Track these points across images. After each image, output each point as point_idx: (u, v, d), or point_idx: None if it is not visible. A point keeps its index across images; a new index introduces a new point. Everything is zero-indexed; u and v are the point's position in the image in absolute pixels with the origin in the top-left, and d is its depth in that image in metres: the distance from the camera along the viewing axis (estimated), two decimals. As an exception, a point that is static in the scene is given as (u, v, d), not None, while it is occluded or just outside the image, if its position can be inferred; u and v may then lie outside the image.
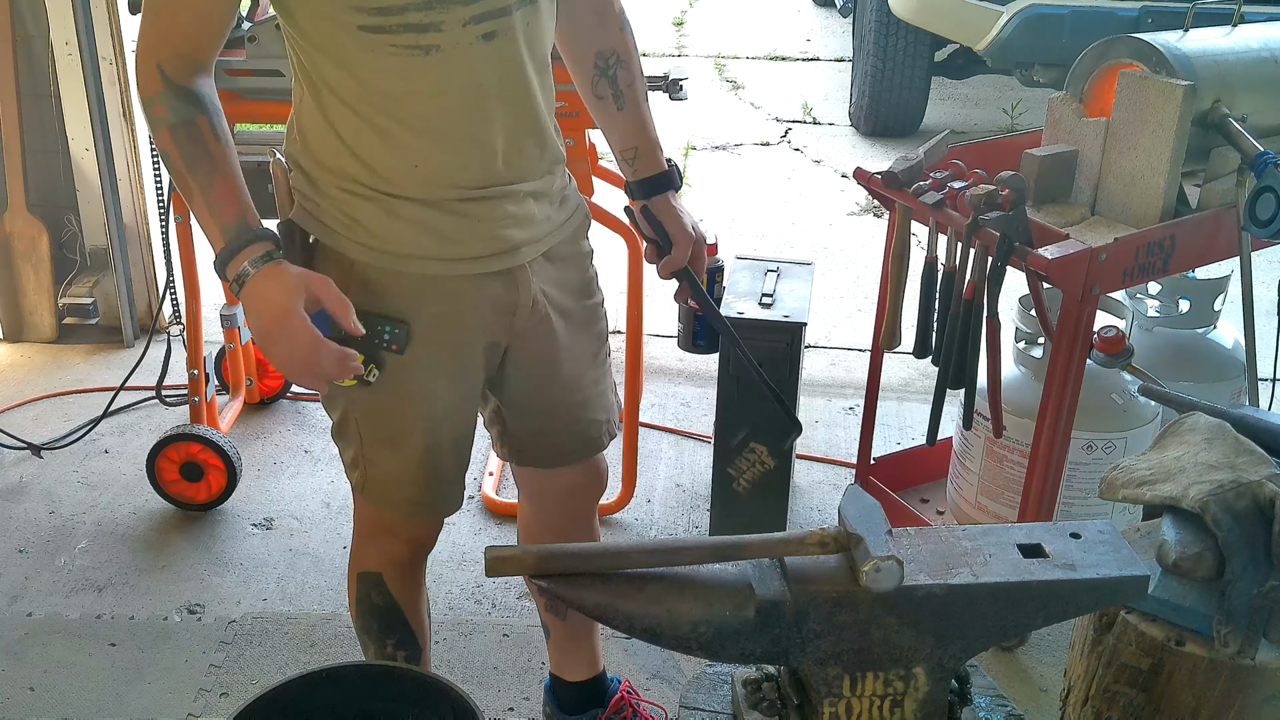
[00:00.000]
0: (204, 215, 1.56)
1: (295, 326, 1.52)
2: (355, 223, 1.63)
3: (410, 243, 1.63)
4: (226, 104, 2.70)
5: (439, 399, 1.75)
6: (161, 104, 1.54)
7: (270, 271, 1.54)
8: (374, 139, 1.58)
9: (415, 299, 1.66)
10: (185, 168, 1.55)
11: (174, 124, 1.54)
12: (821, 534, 1.49)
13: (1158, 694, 1.74)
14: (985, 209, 2.22)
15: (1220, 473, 1.72)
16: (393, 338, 1.66)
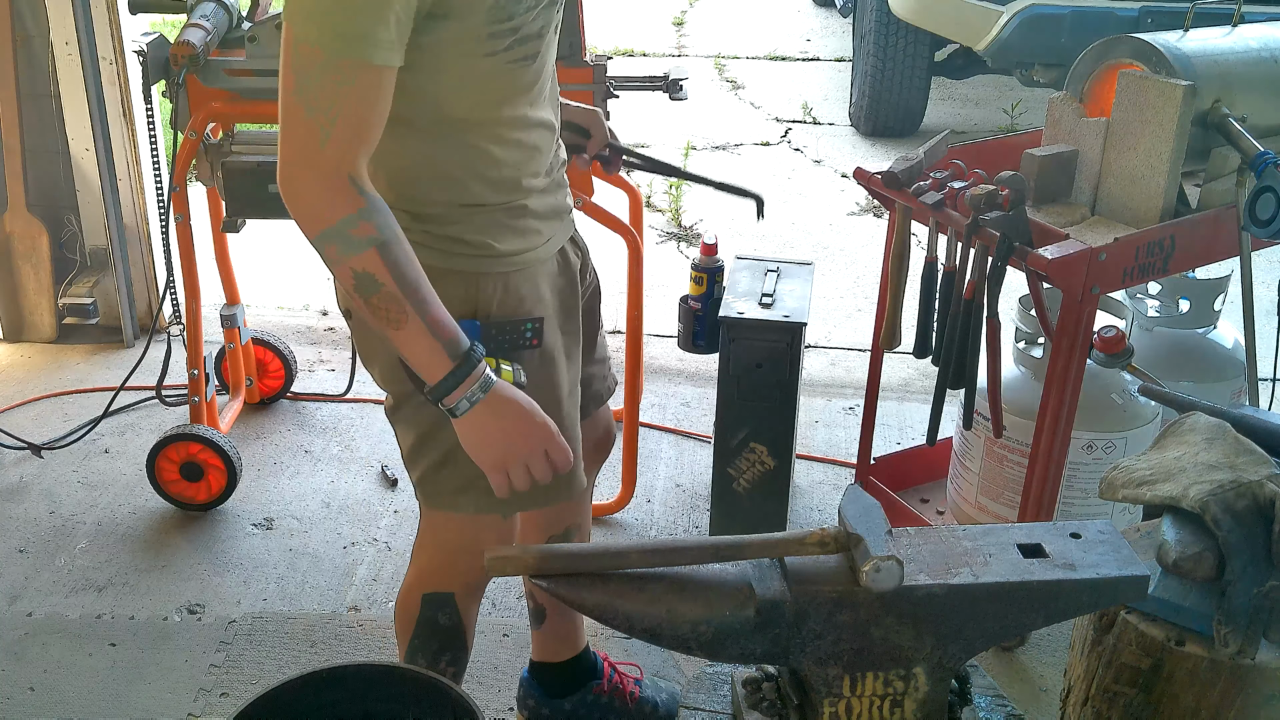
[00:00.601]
0: (420, 339, 1.46)
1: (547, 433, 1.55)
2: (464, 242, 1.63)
3: (521, 239, 1.68)
4: (226, 104, 2.73)
5: (561, 378, 1.78)
6: (367, 222, 1.41)
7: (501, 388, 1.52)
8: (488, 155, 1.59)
9: (533, 290, 1.70)
10: (400, 289, 1.43)
11: (384, 241, 1.42)
12: (821, 534, 1.49)
13: (1158, 694, 1.74)
14: (985, 209, 2.22)
15: (1220, 473, 1.72)
16: (533, 333, 1.69)
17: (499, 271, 1.66)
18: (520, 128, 1.61)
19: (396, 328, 1.46)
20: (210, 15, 2.72)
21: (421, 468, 1.81)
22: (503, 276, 1.67)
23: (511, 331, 1.65)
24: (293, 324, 3.95)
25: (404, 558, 2.83)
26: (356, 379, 3.38)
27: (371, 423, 3.40)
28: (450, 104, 1.54)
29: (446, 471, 1.76)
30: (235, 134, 2.85)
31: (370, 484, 3.13)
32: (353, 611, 2.66)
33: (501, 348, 1.64)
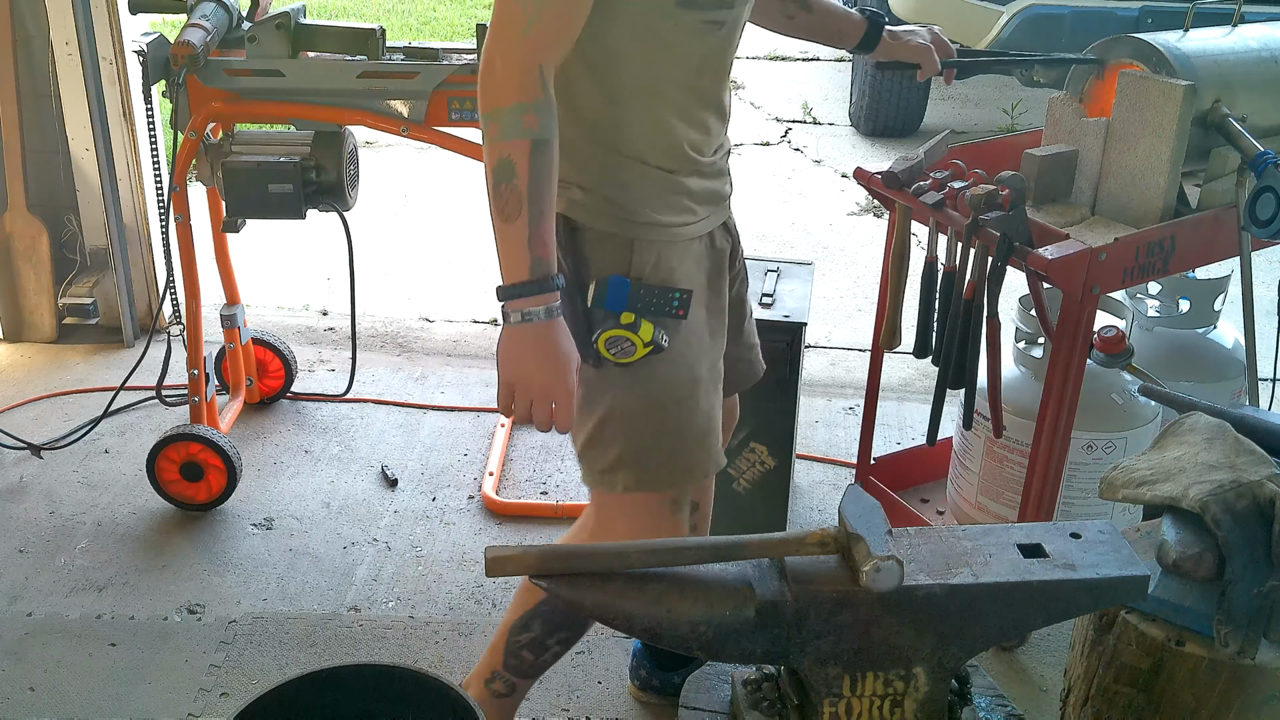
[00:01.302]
0: (518, 240, 1.56)
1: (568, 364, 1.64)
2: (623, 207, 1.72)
3: (676, 215, 1.76)
4: (226, 104, 2.73)
5: (704, 352, 1.84)
6: (534, 115, 1.52)
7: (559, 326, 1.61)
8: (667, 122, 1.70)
9: (684, 263, 1.78)
10: (528, 190, 1.54)
11: (538, 140, 1.53)
12: (821, 534, 1.49)
13: (1158, 694, 1.74)
14: (985, 209, 2.22)
15: (1220, 473, 1.72)
16: (680, 303, 1.76)
17: (652, 240, 1.74)
18: (699, 106, 1.73)
19: (506, 221, 1.56)
20: (210, 15, 2.72)
21: (580, 439, 1.87)
22: (656, 245, 1.75)
23: (660, 298, 1.73)
24: (293, 324, 3.95)
25: (404, 558, 2.83)
26: (356, 379, 3.38)
27: (371, 423, 3.40)
28: (640, 70, 1.65)
29: (600, 445, 1.84)
30: (235, 134, 2.86)
31: (370, 484, 3.13)
32: (353, 611, 2.66)
33: (648, 311, 1.73)
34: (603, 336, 1.73)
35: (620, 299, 1.71)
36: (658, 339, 1.73)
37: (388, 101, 2.70)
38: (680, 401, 1.82)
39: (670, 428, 1.83)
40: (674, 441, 1.84)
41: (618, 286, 1.71)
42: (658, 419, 1.81)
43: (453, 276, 4.39)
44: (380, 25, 2.71)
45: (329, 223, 2.90)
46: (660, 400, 1.80)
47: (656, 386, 1.79)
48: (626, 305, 1.72)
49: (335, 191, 2.84)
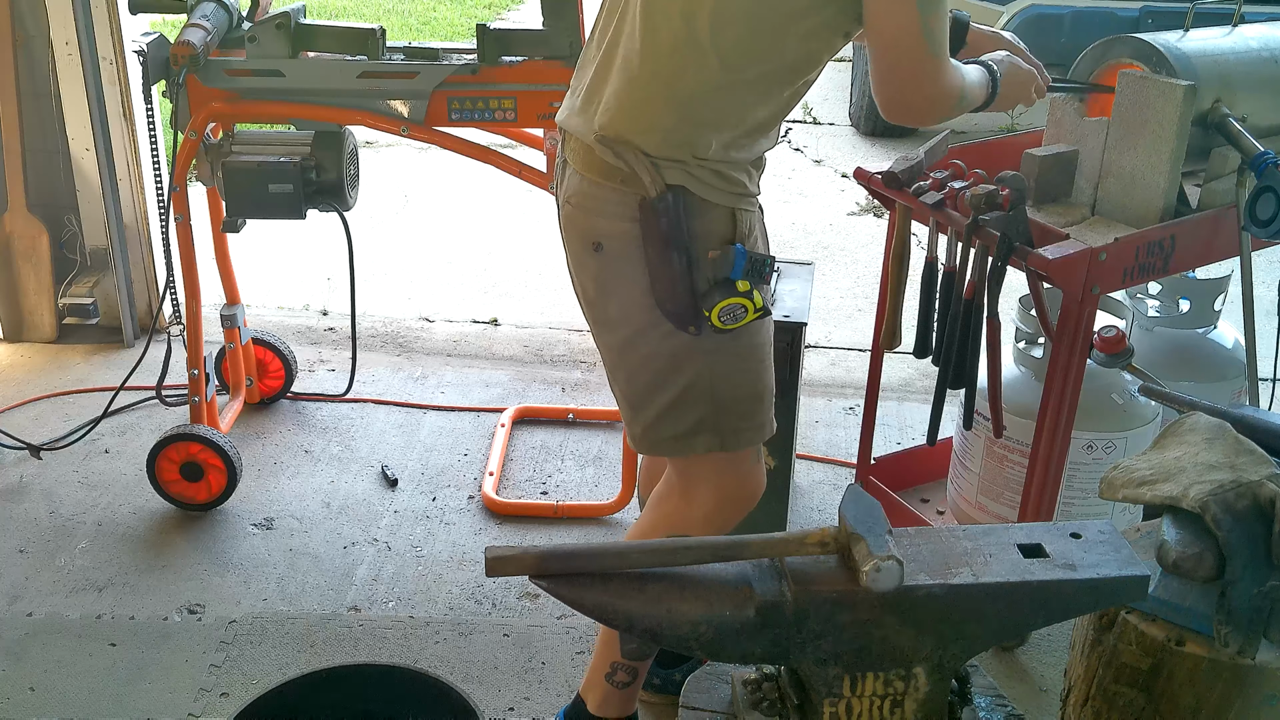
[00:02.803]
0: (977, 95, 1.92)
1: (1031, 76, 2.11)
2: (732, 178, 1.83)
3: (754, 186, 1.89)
4: (226, 104, 2.73)
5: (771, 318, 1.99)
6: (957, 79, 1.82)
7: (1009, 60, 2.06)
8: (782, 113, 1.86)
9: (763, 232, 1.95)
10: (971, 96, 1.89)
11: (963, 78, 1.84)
12: (821, 534, 1.49)
13: (1158, 694, 1.74)
14: (985, 209, 2.22)
15: (1220, 473, 1.72)
16: (771, 268, 1.90)
17: (748, 209, 1.87)
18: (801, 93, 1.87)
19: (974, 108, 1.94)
20: (210, 15, 2.72)
21: (653, 410, 1.95)
22: (750, 214, 1.88)
23: (761, 264, 1.86)
24: (293, 324, 3.95)
25: (404, 558, 2.84)
26: (356, 379, 3.38)
27: (371, 423, 3.40)
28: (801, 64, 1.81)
29: (679, 411, 1.93)
30: (235, 134, 2.86)
31: (370, 484, 3.13)
32: (353, 611, 2.66)
33: (753, 276, 1.84)
34: (718, 307, 1.81)
35: (740, 267, 1.82)
36: (766, 304, 1.87)
37: (388, 101, 2.70)
38: (760, 363, 1.96)
39: (749, 389, 1.96)
40: (751, 403, 1.97)
41: (739, 256, 1.82)
42: (740, 381, 1.94)
43: (453, 276, 4.39)
44: (380, 25, 2.71)
45: (329, 223, 2.90)
46: (745, 363, 1.93)
47: (745, 350, 1.92)
48: (743, 274, 1.82)
49: (335, 191, 2.84)
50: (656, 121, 1.78)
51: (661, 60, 1.77)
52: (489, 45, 2.65)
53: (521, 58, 2.66)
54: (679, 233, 1.78)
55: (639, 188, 1.78)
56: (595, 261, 1.89)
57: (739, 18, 1.73)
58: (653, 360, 1.90)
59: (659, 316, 1.84)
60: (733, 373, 1.92)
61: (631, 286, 1.85)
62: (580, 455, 3.26)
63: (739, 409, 1.96)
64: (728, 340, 1.87)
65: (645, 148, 1.78)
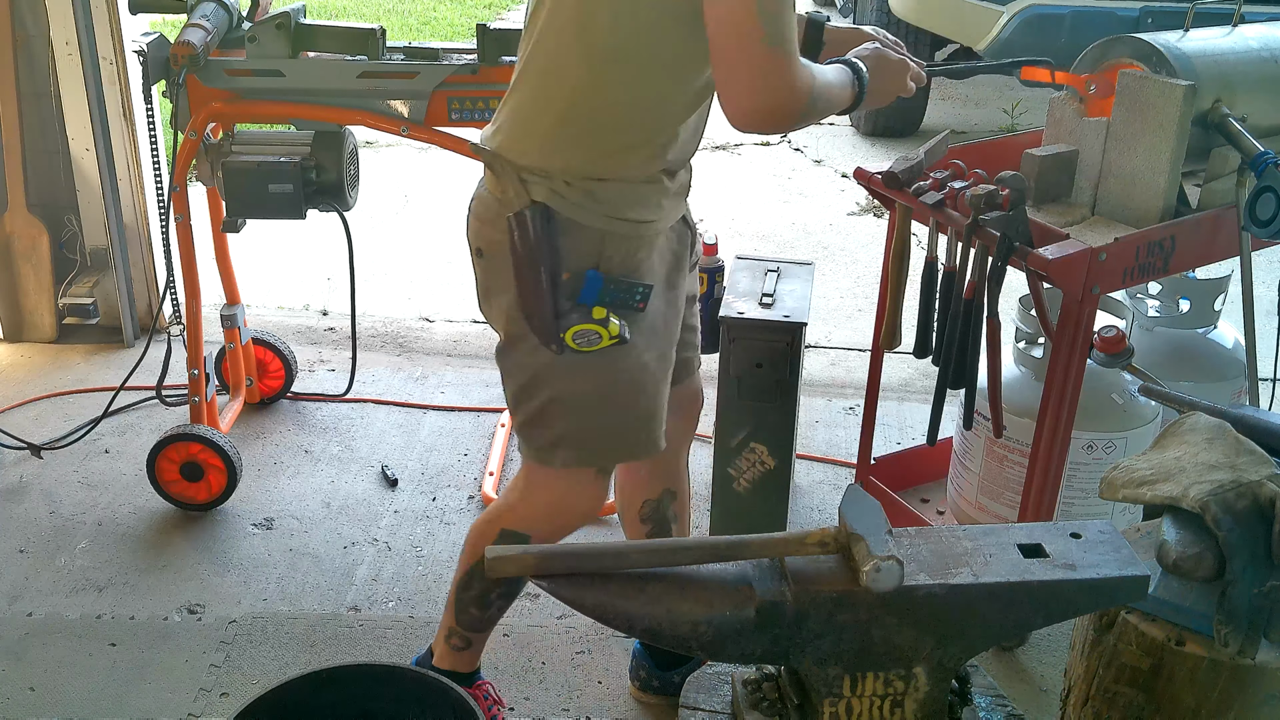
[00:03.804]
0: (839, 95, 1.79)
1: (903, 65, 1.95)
2: (600, 201, 1.80)
3: (648, 212, 1.84)
4: (227, 104, 2.73)
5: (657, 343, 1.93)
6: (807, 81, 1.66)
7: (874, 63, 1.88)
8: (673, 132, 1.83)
9: (646, 259, 1.86)
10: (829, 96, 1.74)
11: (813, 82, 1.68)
12: (821, 534, 1.49)
13: (1158, 694, 1.74)
14: (985, 209, 2.22)
15: (1220, 473, 1.72)
16: (642, 297, 1.85)
17: (624, 235, 1.82)
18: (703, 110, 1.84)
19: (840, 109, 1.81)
20: (210, 15, 2.72)
21: (521, 416, 1.96)
22: (625, 240, 1.82)
23: (625, 291, 1.82)
24: (293, 324, 3.95)
25: (404, 558, 2.84)
26: (356, 379, 3.38)
27: (371, 423, 3.40)
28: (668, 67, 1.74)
29: (542, 425, 1.93)
30: (235, 134, 2.86)
31: (370, 484, 3.13)
32: (353, 611, 2.66)
33: (614, 303, 1.82)
34: (572, 330, 1.80)
35: (594, 293, 1.80)
36: (623, 333, 1.82)
37: (388, 101, 2.70)
38: (627, 388, 1.90)
39: (613, 412, 1.92)
40: (615, 424, 1.93)
41: (593, 281, 1.79)
42: (602, 404, 1.90)
43: (453, 276, 4.39)
44: (380, 25, 2.71)
45: (329, 223, 2.90)
46: (608, 387, 1.89)
47: (607, 374, 1.87)
48: (598, 299, 1.80)
49: (335, 191, 2.84)
50: (531, 138, 1.79)
51: (537, 77, 1.78)
52: (489, 45, 2.65)
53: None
54: (539, 250, 1.77)
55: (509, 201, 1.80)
56: (479, 266, 1.93)
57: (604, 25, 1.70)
58: (521, 371, 1.91)
59: (527, 329, 1.84)
60: (597, 395, 1.88)
61: (504, 296, 1.86)
62: (580, 455, 3.25)
63: (605, 431, 1.92)
64: (593, 361, 1.83)
65: (518, 162, 1.80)
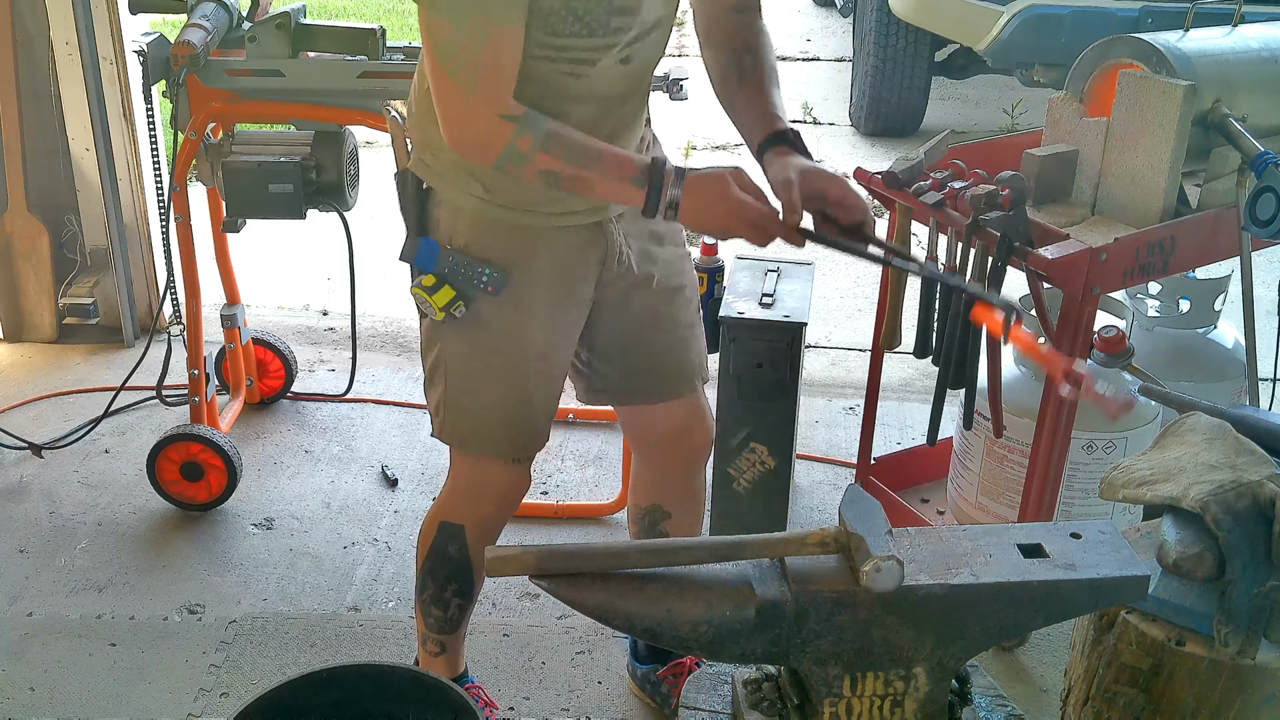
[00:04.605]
0: (612, 188, 1.68)
1: (741, 207, 1.65)
2: (470, 178, 1.80)
3: (519, 198, 1.81)
4: (227, 104, 2.73)
5: (529, 341, 1.90)
6: (522, 138, 1.63)
7: (693, 184, 1.66)
8: None
9: (518, 248, 1.83)
10: (575, 167, 1.66)
11: (542, 144, 1.64)
12: (821, 534, 1.49)
13: (1158, 694, 1.74)
14: (985, 209, 2.22)
15: (1221, 473, 1.72)
16: (489, 281, 1.82)
17: (489, 217, 1.82)
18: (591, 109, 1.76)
19: (593, 192, 1.69)
20: (210, 15, 2.72)
21: (431, 402, 1.99)
22: (485, 221, 1.82)
23: (468, 269, 1.81)
24: (293, 324, 3.95)
25: (404, 558, 2.83)
26: (357, 379, 3.38)
27: (371, 423, 3.40)
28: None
29: (430, 384, 1.97)
30: (235, 134, 2.86)
31: (370, 484, 3.13)
32: (353, 611, 2.66)
33: (456, 279, 1.82)
34: (411, 289, 1.85)
35: (428, 260, 1.82)
36: (451, 310, 1.82)
37: (388, 101, 2.69)
38: (491, 376, 1.92)
39: (474, 397, 1.94)
40: (477, 411, 1.95)
41: (427, 247, 1.82)
42: (469, 383, 1.93)
43: (453, 276, 4.39)
44: (380, 25, 2.71)
45: (329, 223, 2.90)
46: (472, 367, 1.91)
47: (473, 355, 1.90)
48: (434, 268, 1.82)
49: (335, 191, 2.84)
50: (412, 109, 1.86)
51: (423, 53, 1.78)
52: (489, 45, 2.65)
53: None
54: (405, 212, 1.88)
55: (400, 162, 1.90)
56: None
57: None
58: (426, 357, 1.97)
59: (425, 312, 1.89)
60: (464, 367, 1.92)
61: None
62: (580, 455, 3.26)
63: (468, 408, 1.95)
64: (460, 335, 1.88)
65: (410, 133, 1.87)
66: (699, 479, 2.25)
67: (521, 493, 2.10)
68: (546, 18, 1.64)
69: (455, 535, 2.07)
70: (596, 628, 2.52)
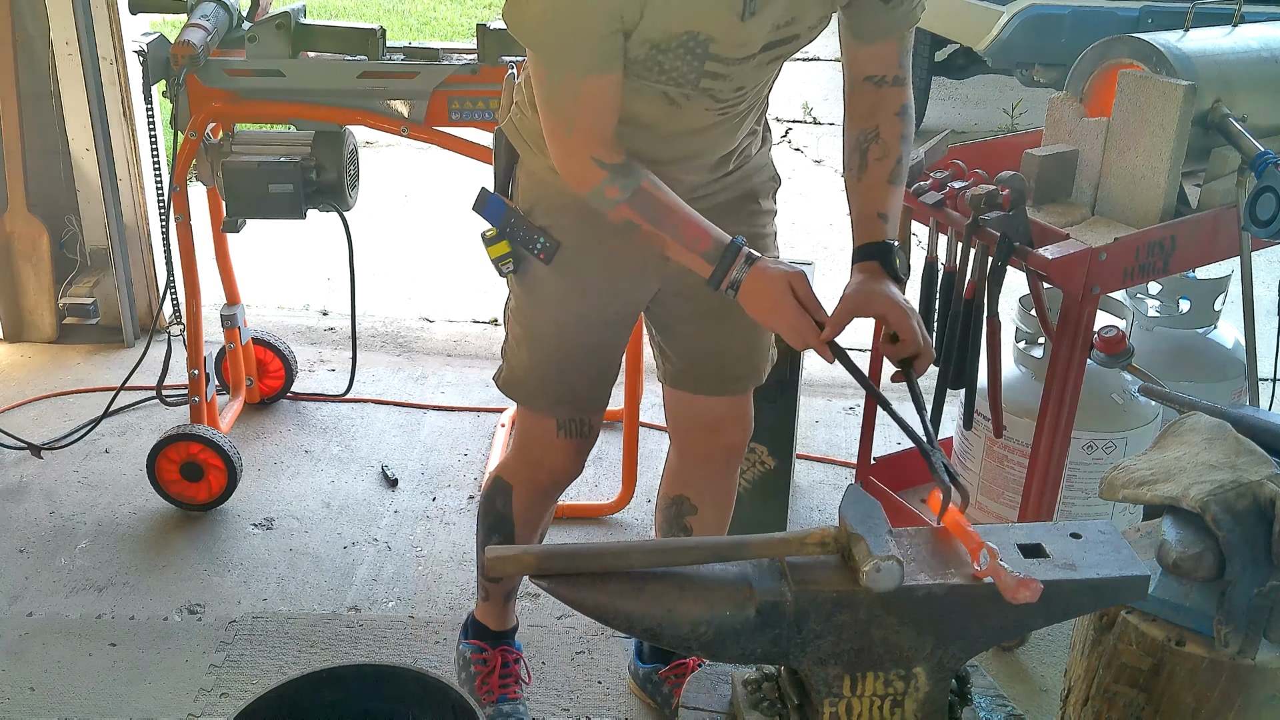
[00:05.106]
0: (684, 254, 1.75)
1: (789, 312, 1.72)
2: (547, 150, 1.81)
3: None
4: (227, 104, 2.73)
5: (573, 312, 1.98)
6: (610, 186, 1.72)
7: (756, 275, 1.72)
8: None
9: (578, 226, 1.88)
10: (654, 226, 1.74)
11: (629, 198, 1.73)
12: (821, 534, 1.49)
13: (1158, 694, 1.74)
14: (985, 209, 2.22)
15: (1220, 473, 1.72)
16: (542, 249, 1.91)
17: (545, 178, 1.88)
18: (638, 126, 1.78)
19: (666, 248, 1.76)
20: (210, 15, 2.72)
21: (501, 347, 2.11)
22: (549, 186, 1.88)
23: (527, 234, 1.91)
24: (293, 324, 3.95)
25: (404, 558, 2.84)
26: (357, 379, 3.38)
27: (371, 423, 3.40)
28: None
29: (504, 360, 2.09)
30: (235, 134, 2.86)
31: (370, 484, 3.13)
32: (353, 611, 2.66)
33: (514, 238, 1.93)
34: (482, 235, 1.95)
35: (495, 215, 1.93)
36: (500, 264, 1.94)
37: (388, 101, 2.70)
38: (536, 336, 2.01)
39: (526, 352, 2.03)
40: (527, 365, 2.04)
41: (495, 202, 1.93)
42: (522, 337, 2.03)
43: (453, 276, 4.39)
44: (380, 25, 2.71)
45: (329, 223, 2.90)
46: (525, 323, 2.01)
47: (526, 312, 2.00)
48: (498, 223, 1.92)
49: (335, 191, 2.84)
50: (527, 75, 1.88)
51: None
52: (489, 45, 2.65)
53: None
54: (497, 166, 1.98)
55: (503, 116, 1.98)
56: None
57: None
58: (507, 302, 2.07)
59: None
60: (518, 320, 2.02)
61: None
62: (580, 455, 3.25)
63: (518, 360, 2.05)
64: (522, 286, 1.98)
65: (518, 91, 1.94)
66: (729, 479, 2.25)
67: (570, 470, 2.14)
68: (633, 63, 1.68)
69: (504, 491, 2.17)
70: (596, 628, 2.52)
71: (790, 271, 1.73)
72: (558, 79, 1.67)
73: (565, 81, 1.67)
